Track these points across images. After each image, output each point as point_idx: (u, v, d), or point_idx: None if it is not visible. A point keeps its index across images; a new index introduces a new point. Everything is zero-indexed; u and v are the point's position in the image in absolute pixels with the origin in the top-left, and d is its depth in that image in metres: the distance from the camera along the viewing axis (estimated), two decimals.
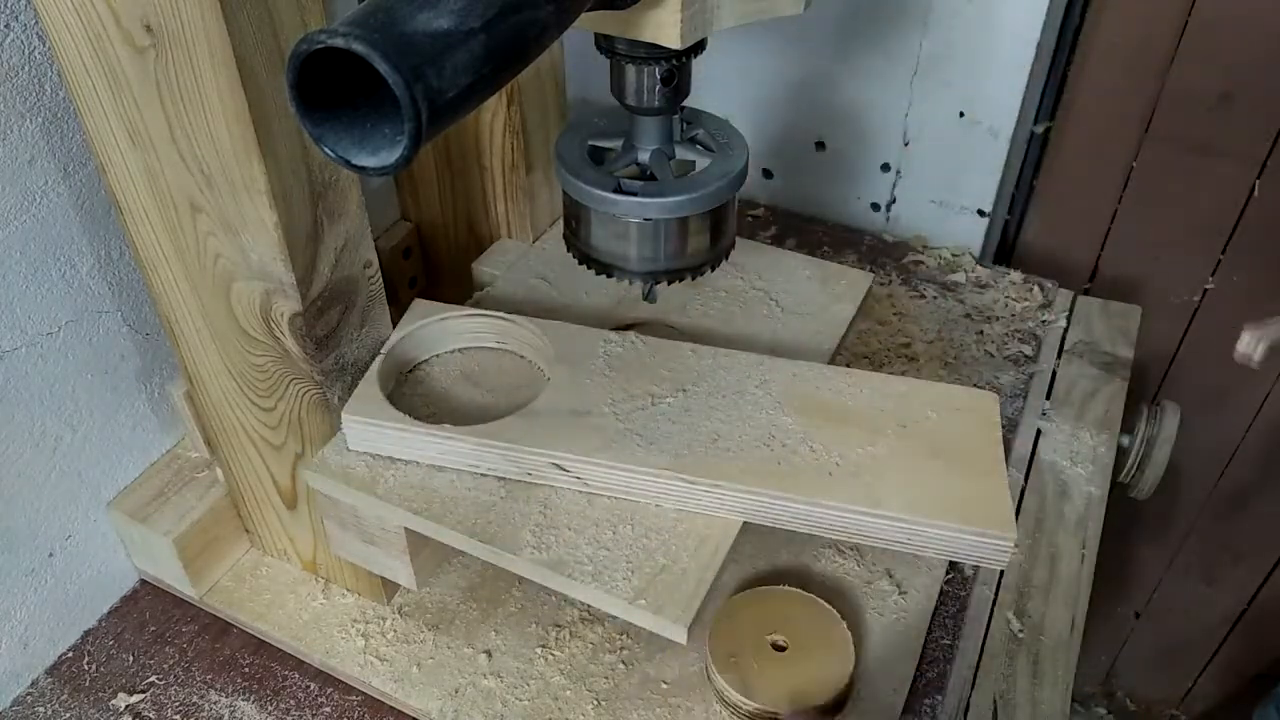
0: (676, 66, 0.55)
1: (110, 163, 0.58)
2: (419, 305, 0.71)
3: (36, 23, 0.59)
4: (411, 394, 0.68)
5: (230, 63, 0.49)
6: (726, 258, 0.64)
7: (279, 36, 0.52)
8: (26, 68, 0.60)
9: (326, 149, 0.38)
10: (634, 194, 0.57)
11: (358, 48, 0.34)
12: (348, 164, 0.39)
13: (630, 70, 0.55)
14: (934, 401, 0.63)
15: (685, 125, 0.61)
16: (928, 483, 0.58)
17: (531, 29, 0.40)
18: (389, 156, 0.38)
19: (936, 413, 0.63)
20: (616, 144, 0.61)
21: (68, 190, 0.65)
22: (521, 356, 0.71)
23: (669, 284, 0.63)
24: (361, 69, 0.35)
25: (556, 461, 0.60)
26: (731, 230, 0.63)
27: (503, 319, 0.70)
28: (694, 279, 0.63)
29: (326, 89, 0.37)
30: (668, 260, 0.60)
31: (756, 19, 0.52)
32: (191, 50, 0.50)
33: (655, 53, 0.52)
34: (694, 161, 0.61)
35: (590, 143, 0.61)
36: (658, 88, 0.55)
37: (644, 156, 0.60)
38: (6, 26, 0.58)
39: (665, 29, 0.49)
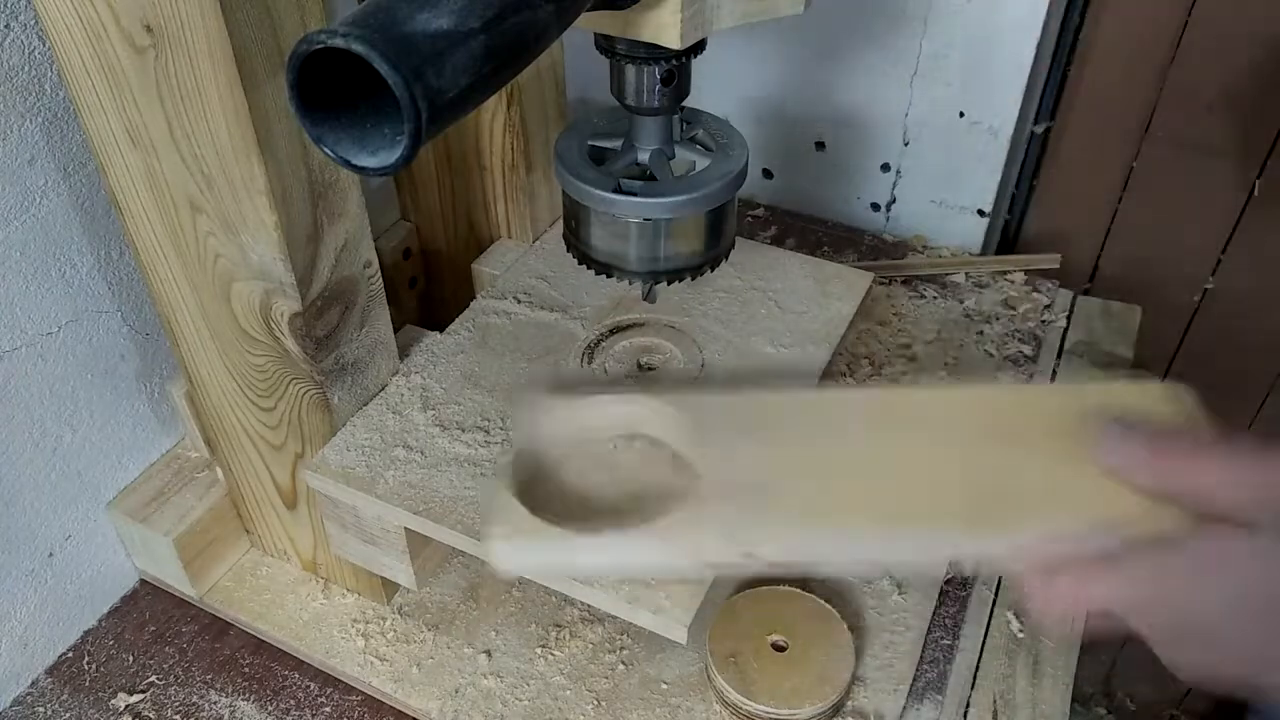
0: (676, 67, 0.55)
1: (110, 163, 0.58)
2: (538, 401, 0.55)
3: (36, 23, 0.59)
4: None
5: (230, 63, 0.49)
6: (726, 258, 0.64)
7: (279, 36, 0.52)
8: (26, 68, 0.60)
9: (326, 149, 0.38)
10: (633, 194, 0.57)
11: (357, 48, 0.34)
12: (348, 164, 0.39)
13: (630, 70, 0.55)
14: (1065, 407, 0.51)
15: (685, 125, 0.61)
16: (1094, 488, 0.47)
17: (531, 29, 0.40)
18: (389, 157, 0.38)
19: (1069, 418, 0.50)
20: (616, 144, 0.61)
21: (68, 190, 0.65)
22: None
23: (669, 284, 0.63)
24: (361, 69, 0.35)
25: (778, 559, 0.48)
26: (732, 230, 0.63)
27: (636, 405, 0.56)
28: (694, 279, 0.63)
29: (326, 89, 0.37)
30: (667, 260, 0.60)
31: (757, 19, 0.52)
32: (191, 50, 0.50)
33: (655, 53, 0.52)
34: (694, 161, 0.61)
35: (590, 143, 0.61)
36: (658, 88, 0.55)
37: (644, 156, 0.60)
38: (6, 26, 0.59)
39: (665, 29, 0.49)
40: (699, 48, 0.53)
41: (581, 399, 0.56)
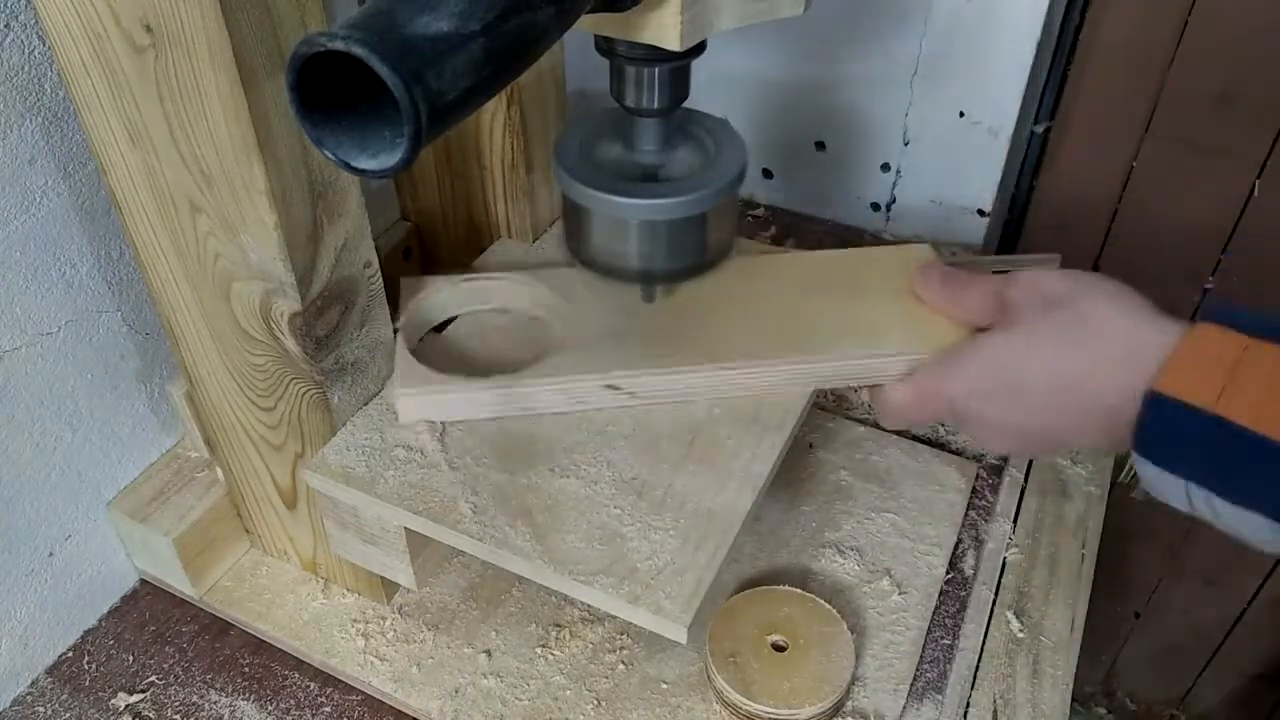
0: (676, 69, 0.55)
1: (110, 163, 0.58)
2: (409, 283, 0.75)
3: (36, 23, 0.59)
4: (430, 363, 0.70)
5: (230, 63, 0.49)
6: (726, 258, 0.64)
7: (279, 36, 0.52)
8: (26, 68, 0.60)
9: (327, 152, 0.38)
10: (632, 195, 0.57)
11: (358, 50, 0.34)
12: (348, 166, 0.39)
13: (630, 72, 0.55)
14: (884, 262, 0.74)
15: (684, 126, 0.61)
16: (911, 321, 0.68)
17: (531, 31, 0.40)
18: (389, 159, 0.38)
19: (891, 271, 0.73)
20: (616, 145, 0.61)
21: (68, 190, 0.65)
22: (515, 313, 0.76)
23: (667, 286, 0.63)
24: (362, 71, 0.35)
25: (612, 383, 0.65)
26: (731, 231, 0.63)
27: (492, 279, 0.76)
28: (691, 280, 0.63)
29: (326, 91, 0.37)
30: (666, 261, 0.60)
31: (757, 20, 0.52)
32: (191, 50, 0.50)
33: (655, 54, 0.52)
34: (693, 163, 0.61)
35: (589, 144, 0.61)
36: (657, 90, 0.55)
37: (643, 158, 0.60)
38: (6, 26, 0.59)
39: (666, 31, 0.48)
40: (699, 49, 0.53)
41: (456, 279, 0.75)
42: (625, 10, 0.47)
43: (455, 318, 0.75)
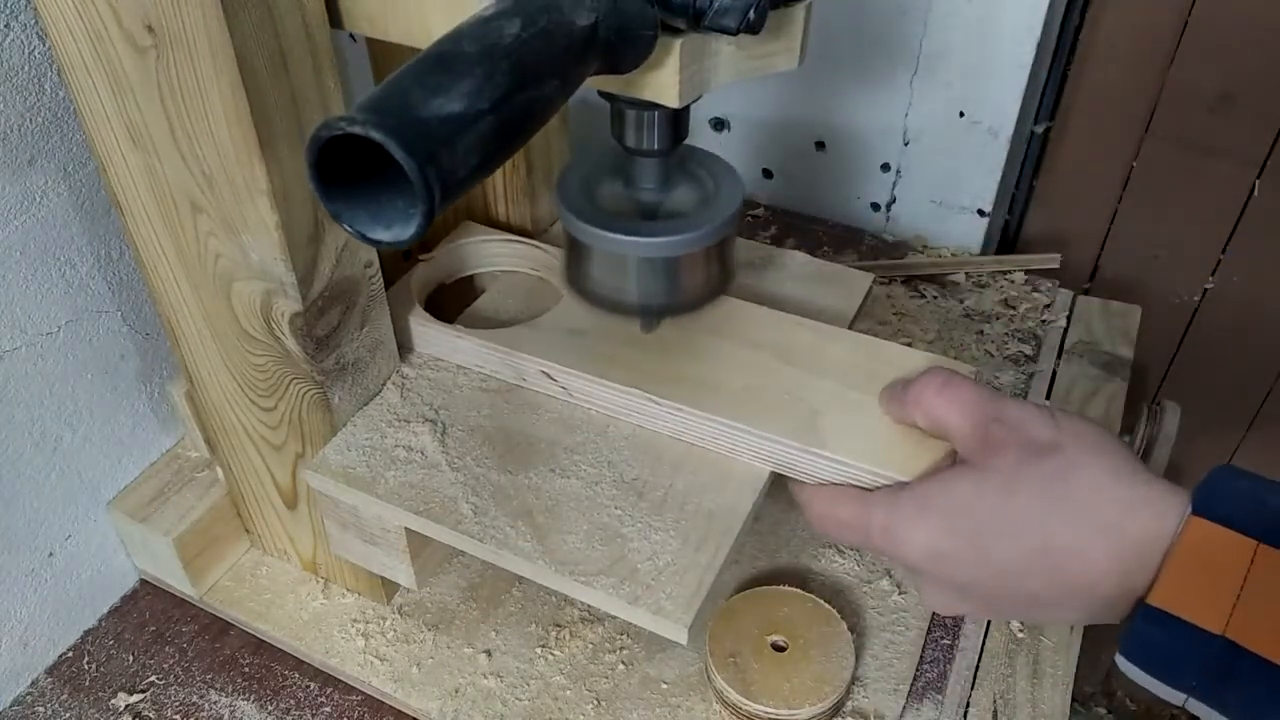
0: (675, 113, 0.56)
1: (110, 163, 0.58)
2: (466, 225, 0.80)
3: (36, 23, 0.59)
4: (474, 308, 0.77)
5: (232, 63, 0.49)
6: (725, 291, 0.64)
7: (280, 36, 0.52)
8: (26, 68, 0.60)
9: (345, 225, 0.40)
10: (632, 233, 0.57)
11: (375, 135, 0.35)
12: (364, 238, 0.40)
13: (630, 115, 0.56)
14: (910, 368, 0.64)
15: (683, 163, 0.61)
16: (879, 434, 0.61)
17: (537, 105, 0.42)
18: (403, 231, 0.39)
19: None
20: (615, 182, 0.61)
21: (68, 190, 0.65)
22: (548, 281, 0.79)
23: (664, 319, 0.64)
24: (376, 149, 0.36)
25: (545, 370, 0.67)
26: (731, 265, 0.63)
27: (530, 244, 0.79)
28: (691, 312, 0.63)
29: (342, 165, 0.38)
30: (665, 296, 0.60)
31: (752, 75, 0.53)
32: (193, 51, 0.50)
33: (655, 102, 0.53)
34: (691, 200, 0.61)
35: (589, 181, 0.61)
36: (657, 132, 0.56)
37: (642, 195, 0.60)
38: (6, 26, 0.59)
39: (665, 90, 0.50)
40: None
41: (498, 233, 0.79)
42: (626, 74, 0.48)
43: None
